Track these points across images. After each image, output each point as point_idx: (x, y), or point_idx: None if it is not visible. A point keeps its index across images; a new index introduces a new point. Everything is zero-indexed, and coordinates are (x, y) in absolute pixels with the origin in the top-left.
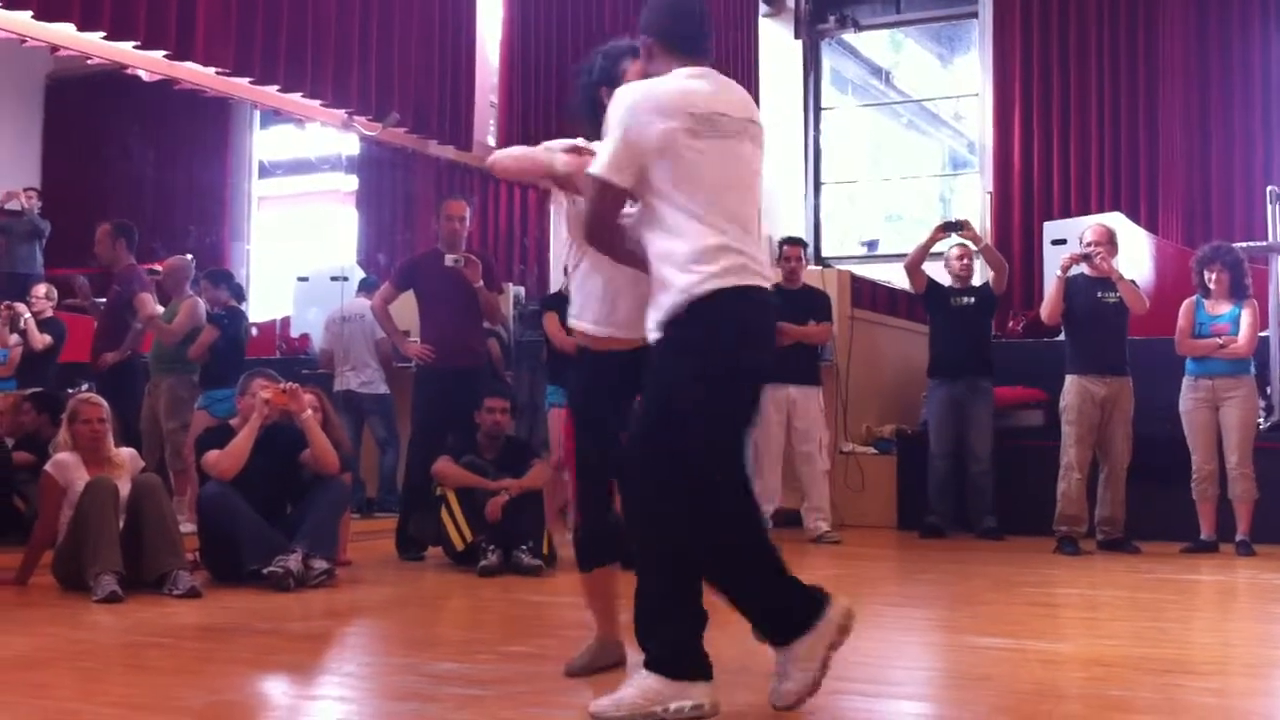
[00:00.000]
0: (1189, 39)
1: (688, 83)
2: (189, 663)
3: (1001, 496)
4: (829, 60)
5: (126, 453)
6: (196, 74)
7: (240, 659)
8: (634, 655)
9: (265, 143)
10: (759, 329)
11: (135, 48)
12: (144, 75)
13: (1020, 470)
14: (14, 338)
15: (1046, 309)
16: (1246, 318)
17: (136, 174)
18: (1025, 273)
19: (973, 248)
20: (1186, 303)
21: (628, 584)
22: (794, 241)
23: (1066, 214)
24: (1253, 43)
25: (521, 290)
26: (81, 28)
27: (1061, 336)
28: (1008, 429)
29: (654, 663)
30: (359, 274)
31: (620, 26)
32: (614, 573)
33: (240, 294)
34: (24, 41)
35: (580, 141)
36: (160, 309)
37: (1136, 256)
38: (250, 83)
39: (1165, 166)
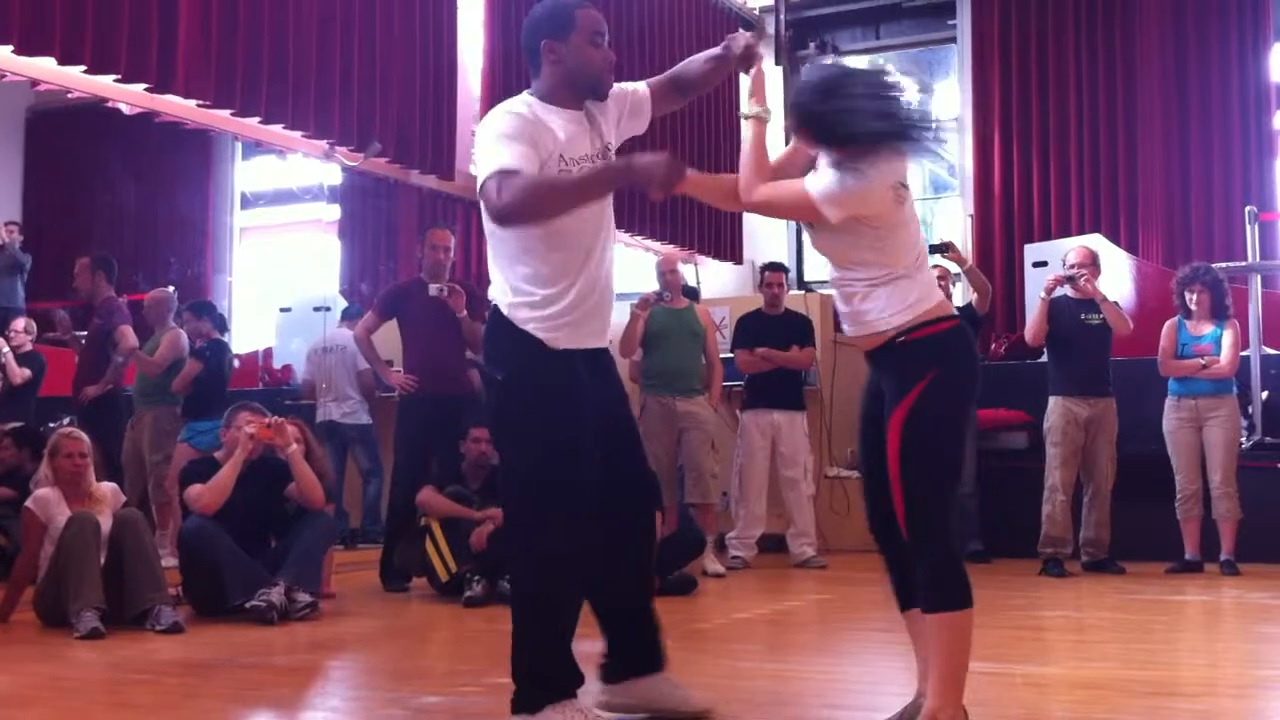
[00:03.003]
0: (1166, 61)
1: None
2: (172, 699)
3: (986, 519)
4: None
5: (108, 487)
6: (178, 106)
7: (223, 694)
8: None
9: (247, 174)
10: None
11: (116, 81)
12: (125, 108)
13: (1005, 492)
14: None
15: (1030, 331)
16: (1228, 338)
17: (118, 206)
18: (1007, 295)
19: (954, 270)
20: (1168, 324)
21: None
22: (776, 267)
23: (1047, 236)
24: (1230, 64)
25: None
26: (62, 61)
27: (1044, 358)
28: (992, 451)
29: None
30: (341, 304)
31: None
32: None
33: (223, 325)
34: (3, 76)
35: None
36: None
37: (1117, 278)
38: (231, 114)
39: (1144, 188)
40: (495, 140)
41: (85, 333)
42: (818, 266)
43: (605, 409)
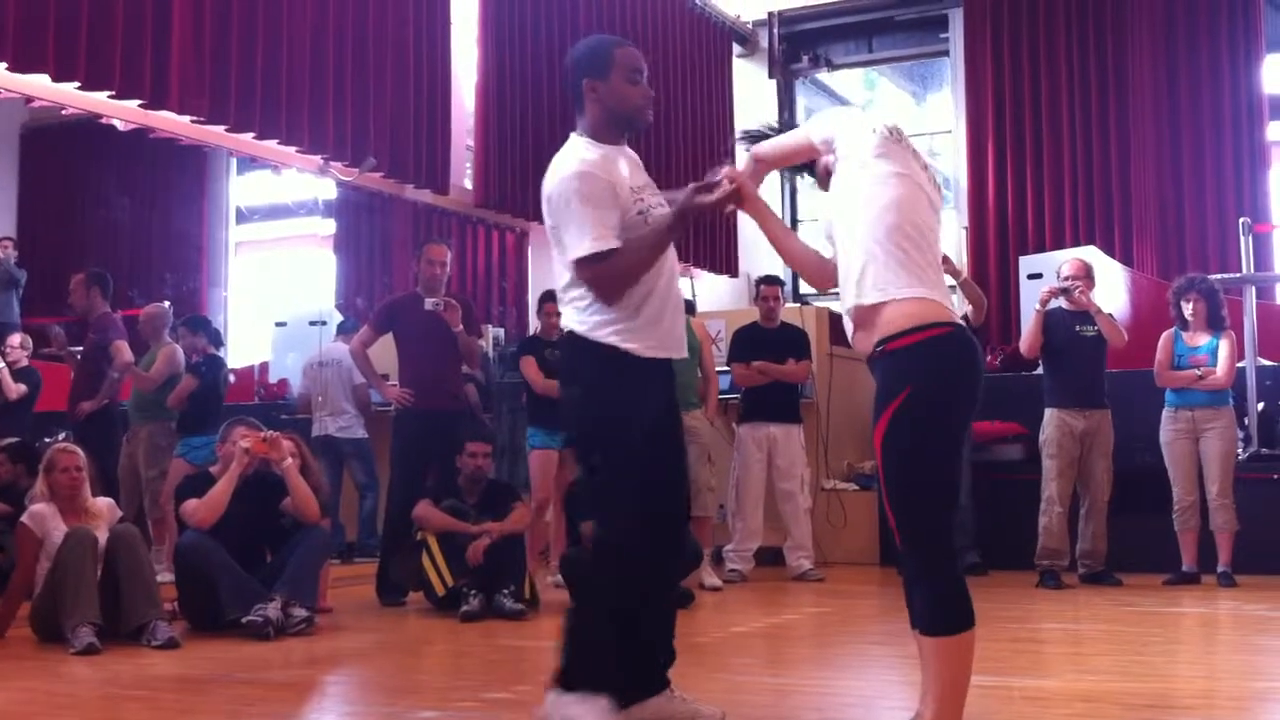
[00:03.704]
0: (1159, 73)
1: None
2: (168, 715)
3: (983, 531)
4: (803, 99)
5: (104, 502)
6: (172, 122)
7: (219, 710)
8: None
9: (242, 189)
10: None
11: (110, 97)
12: (119, 124)
13: (1001, 505)
14: None
15: (1025, 343)
16: (1224, 348)
17: (113, 222)
18: (1002, 307)
19: (949, 282)
20: (1165, 335)
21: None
22: (772, 280)
23: (1041, 248)
24: (1222, 76)
25: (501, 331)
26: (56, 78)
27: (1039, 370)
28: (987, 463)
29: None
30: (337, 318)
31: None
32: None
33: (219, 340)
34: None
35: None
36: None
37: (1112, 289)
38: (226, 130)
39: (1138, 200)
40: (582, 210)
41: (80, 348)
42: None
43: (669, 417)
